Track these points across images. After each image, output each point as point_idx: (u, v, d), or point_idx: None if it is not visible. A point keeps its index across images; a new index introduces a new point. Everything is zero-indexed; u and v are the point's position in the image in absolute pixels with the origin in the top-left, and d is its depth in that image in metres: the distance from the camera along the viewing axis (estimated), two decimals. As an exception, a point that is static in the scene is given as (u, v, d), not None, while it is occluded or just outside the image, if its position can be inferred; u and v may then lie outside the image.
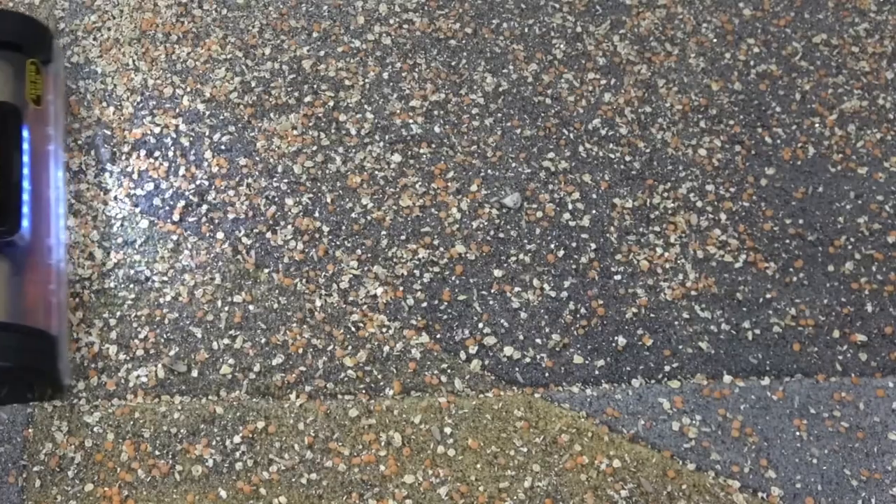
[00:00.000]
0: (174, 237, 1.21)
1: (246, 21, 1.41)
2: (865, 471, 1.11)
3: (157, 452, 1.10)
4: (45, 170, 1.20)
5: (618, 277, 1.23)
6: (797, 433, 1.13)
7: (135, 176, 1.26)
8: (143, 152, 1.27)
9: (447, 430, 1.12)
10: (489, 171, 1.30)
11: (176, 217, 1.23)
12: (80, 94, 1.32)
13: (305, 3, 1.43)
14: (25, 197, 1.16)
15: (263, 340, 1.16)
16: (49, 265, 1.15)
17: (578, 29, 1.43)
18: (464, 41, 1.41)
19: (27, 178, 1.17)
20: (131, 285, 1.18)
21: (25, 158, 1.18)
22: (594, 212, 1.28)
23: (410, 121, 1.32)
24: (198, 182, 1.25)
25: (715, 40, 1.43)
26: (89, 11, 1.41)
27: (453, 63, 1.37)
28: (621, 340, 1.19)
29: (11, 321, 1.09)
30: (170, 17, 1.41)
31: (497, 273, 1.21)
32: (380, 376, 1.15)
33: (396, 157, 1.30)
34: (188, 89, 1.33)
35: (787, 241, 1.27)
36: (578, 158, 1.32)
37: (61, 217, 1.20)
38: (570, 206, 1.28)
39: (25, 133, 1.20)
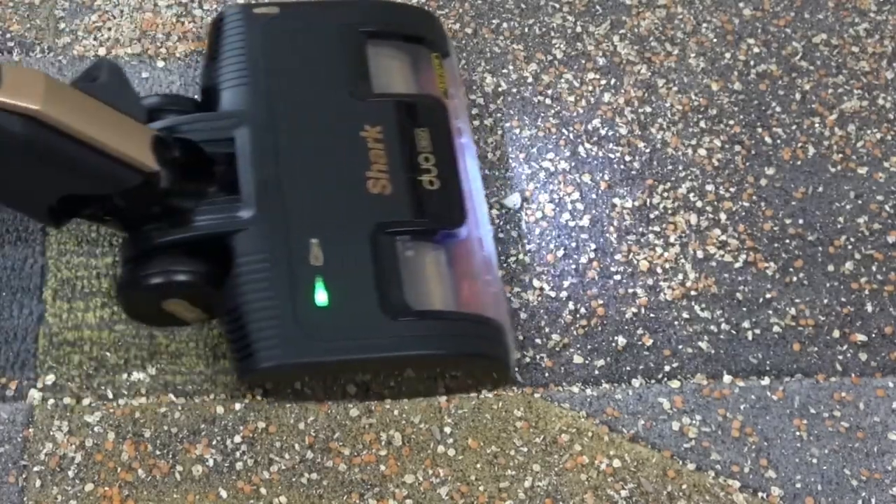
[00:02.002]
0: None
1: (246, 21, 1.41)
2: (865, 471, 1.11)
3: (157, 452, 1.10)
4: (462, 162, 1.21)
5: (617, 277, 1.23)
6: (797, 433, 1.13)
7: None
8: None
9: (447, 429, 1.12)
10: (489, 170, 1.30)
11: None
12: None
13: (305, 3, 1.43)
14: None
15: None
16: (482, 256, 1.16)
17: (578, 29, 1.43)
18: (464, 41, 1.41)
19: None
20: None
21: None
22: (594, 212, 1.28)
23: (410, 121, 1.32)
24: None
25: (715, 40, 1.43)
26: (89, 11, 1.41)
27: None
28: (621, 340, 1.19)
29: (455, 310, 1.12)
30: (170, 18, 1.41)
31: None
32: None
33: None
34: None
35: (787, 240, 1.27)
36: (578, 158, 1.32)
37: (484, 208, 1.21)
38: (569, 206, 1.28)
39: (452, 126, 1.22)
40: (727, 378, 1.16)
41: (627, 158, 1.32)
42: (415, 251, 1.14)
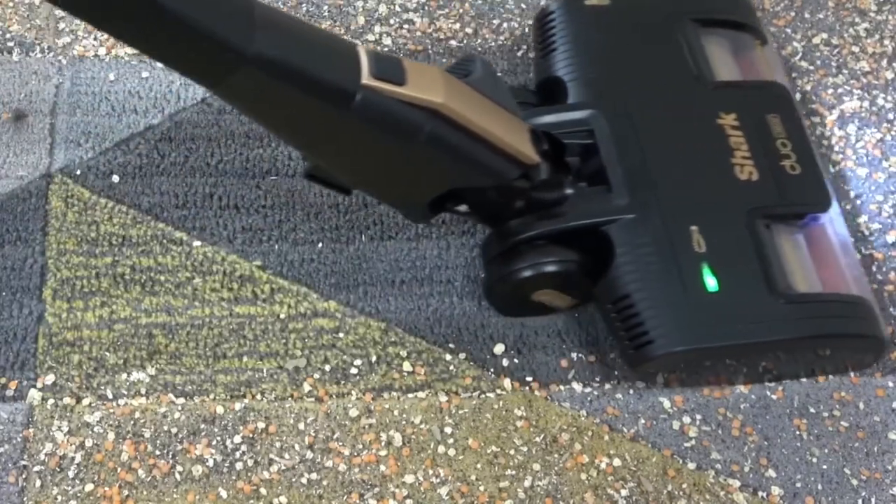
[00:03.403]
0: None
1: (246, 21, 1.41)
2: (865, 470, 1.11)
3: (157, 452, 1.10)
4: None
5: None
6: (797, 432, 1.13)
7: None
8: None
9: (447, 429, 1.12)
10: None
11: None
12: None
13: (306, 3, 1.43)
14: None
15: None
16: (839, 237, 1.19)
17: (578, 29, 1.43)
18: (464, 41, 1.41)
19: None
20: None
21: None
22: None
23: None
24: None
25: (715, 40, 1.43)
26: (89, 11, 1.41)
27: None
28: (621, 340, 1.19)
29: (829, 292, 1.13)
30: (170, 18, 1.41)
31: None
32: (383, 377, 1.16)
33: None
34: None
35: (787, 240, 1.27)
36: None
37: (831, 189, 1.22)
38: (570, 206, 1.28)
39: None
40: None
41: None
42: (780, 235, 1.16)
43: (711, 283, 1.10)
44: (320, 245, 1.25)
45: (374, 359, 1.17)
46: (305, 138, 1.04)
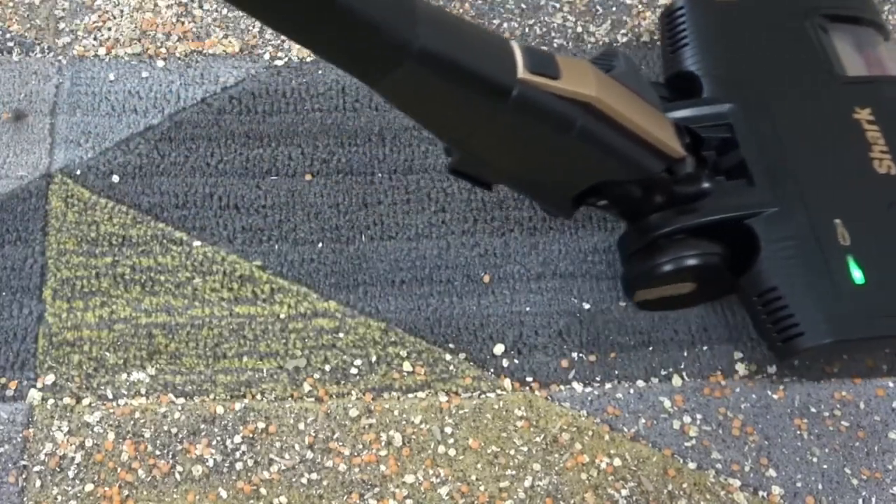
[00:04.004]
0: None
1: (246, 21, 1.41)
2: (866, 470, 1.11)
3: (157, 452, 1.10)
4: None
5: (618, 277, 1.23)
6: (798, 432, 1.13)
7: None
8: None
9: (447, 429, 1.12)
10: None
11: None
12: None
13: (305, 3, 1.43)
14: None
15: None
16: None
17: (579, 29, 1.43)
18: (464, 41, 1.41)
19: None
20: None
21: None
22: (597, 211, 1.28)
23: (410, 120, 1.32)
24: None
25: (715, 40, 1.43)
26: (89, 11, 1.41)
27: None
28: (622, 339, 1.18)
29: None
30: (170, 18, 1.41)
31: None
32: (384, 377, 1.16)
33: (397, 157, 1.30)
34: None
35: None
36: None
37: None
38: (570, 206, 1.28)
39: None
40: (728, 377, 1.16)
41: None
42: None
43: (857, 275, 1.11)
44: (320, 245, 1.25)
45: (374, 359, 1.17)
46: (459, 132, 1.05)
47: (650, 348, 1.18)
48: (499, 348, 1.18)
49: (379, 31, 0.94)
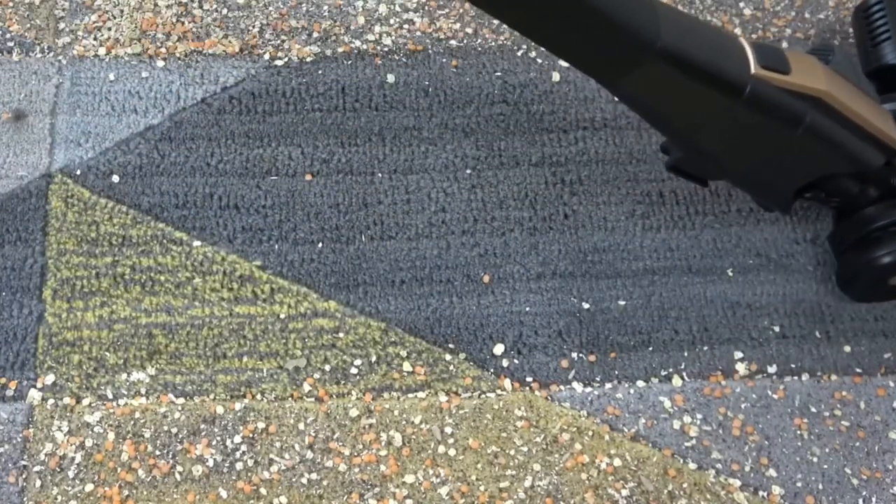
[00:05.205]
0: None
1: (246, 21, 1.41)
2: (866, 469, 1.11)
3: (157, 452, 1.09)
4: None
5: (618, 277, 1.23)
6: (798, 432, 1.13)
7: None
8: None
9: (447, 429, 1.12)
10: (489, 170, 1.30)
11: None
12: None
13: (306, 2, 1.43)
14: None
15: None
16: None
17: (578, 29, 1.43)
18: (464, 41, 1.41)
19: None
20: None
21: None
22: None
23: (411, 120, 1.32)
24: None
25: (715, 40, 1.43)
26: (89, 11, 1.41)
27: (453, 63, 1.37)
28: (622, 339, 1.18)
29: None
30: (170, 18, 1.41)
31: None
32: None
33: (397, 157, 1.30)
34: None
35: (788, 240, 1.27)
36: (579, 158, 1.32)
37: None
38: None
39: None
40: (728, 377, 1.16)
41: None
42: None
43: None
44: (320, 245, 1.25)
45: (373, 359, 1.17)
46: (690, 129, 1.07)
47: (650, 348, 1.18)
48: (499, 348, 1.18)
49: (626, 31, 0.97)
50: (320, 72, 1.38)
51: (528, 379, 1.16)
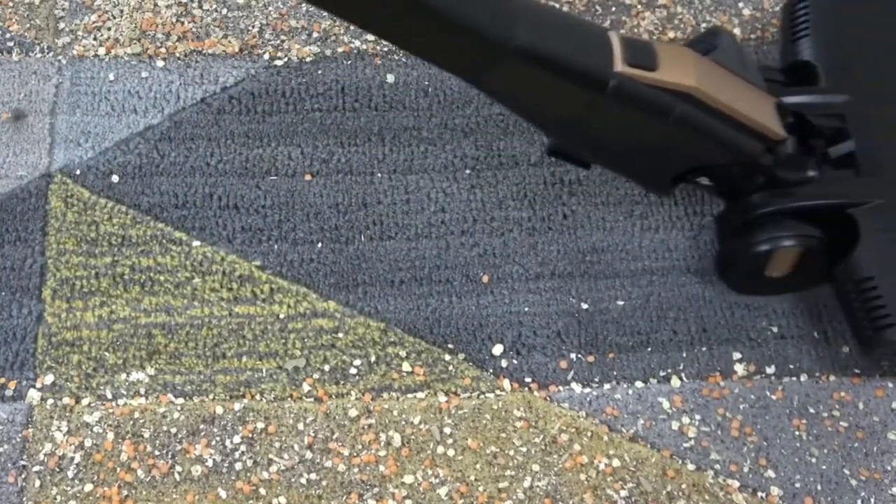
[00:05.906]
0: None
1: (246, 21, 1.41)
2: (865, 470, 1.11)
3: (156, 452, 1.10)
4: None
5: (617, 277, 1.23)
6: (796, 433, 1.13)
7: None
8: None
9: (447, 430, 1.12)
10: (489, 170, 1.30)
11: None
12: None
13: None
14: None
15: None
16: None
17: (578, 29, 1.43)
18: (463, 41, 1.41)
19: None
20: None
21: None
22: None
23: (410, 121, 1.33)
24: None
25: (715, 40, 1.43)
26: (89, 11, 1.41)
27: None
28: (621, 339, 1.19)
29: None
30: (170, 18, 1.41)
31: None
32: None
33: (396, 157, 1.30)
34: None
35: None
36: (578, 158, 1.32)
37: None
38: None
39: None
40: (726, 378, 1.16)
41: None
42: None
43: None
44: (320, 245, 1.25)
45: (373, 359, 1.17)
46: (557, 122, 1.08)
47: (649, 349, 1.18)
48: (498, 349, 1.18)
49: (473, 32, 0.96)
50: (320, 72, 1.38)
51: (527, 379, 1.16)
